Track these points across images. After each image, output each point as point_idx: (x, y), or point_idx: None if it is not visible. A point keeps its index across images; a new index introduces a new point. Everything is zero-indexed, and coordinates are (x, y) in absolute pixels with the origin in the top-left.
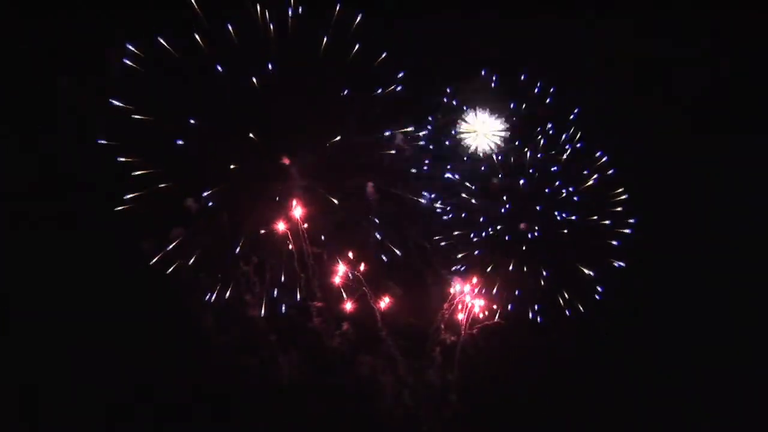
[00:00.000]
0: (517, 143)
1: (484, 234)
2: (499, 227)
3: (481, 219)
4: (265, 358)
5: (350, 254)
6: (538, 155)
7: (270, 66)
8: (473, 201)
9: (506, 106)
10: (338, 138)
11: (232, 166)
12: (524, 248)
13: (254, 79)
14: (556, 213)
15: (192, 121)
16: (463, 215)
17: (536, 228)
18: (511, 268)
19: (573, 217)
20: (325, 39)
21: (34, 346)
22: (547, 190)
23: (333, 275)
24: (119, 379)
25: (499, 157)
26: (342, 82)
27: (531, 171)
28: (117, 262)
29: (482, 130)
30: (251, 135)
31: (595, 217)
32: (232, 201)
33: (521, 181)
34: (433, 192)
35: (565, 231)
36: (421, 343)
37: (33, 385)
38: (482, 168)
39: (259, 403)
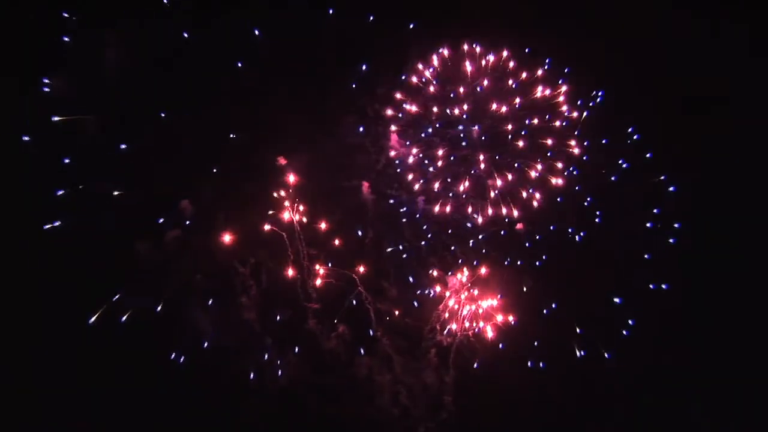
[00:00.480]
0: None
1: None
2: (481, 237)
3: (470, 224)
4: (261, 360)
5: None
6: (548, 152)
7: (257, 32)
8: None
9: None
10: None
11: (214, 170)
12: (519, 263)
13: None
14: (570, 230)
15: (162, 115)
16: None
17: (537, 237)
18: (499, 297)
19: (596, 219)
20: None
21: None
22: (559, 199)
23: (327, 277)
24: (115, 382)
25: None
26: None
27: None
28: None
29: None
30: (232, 135)
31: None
32: (224, 203)
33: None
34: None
35: (578, 237)
36: (417, 344)
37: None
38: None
39: (255, 406)
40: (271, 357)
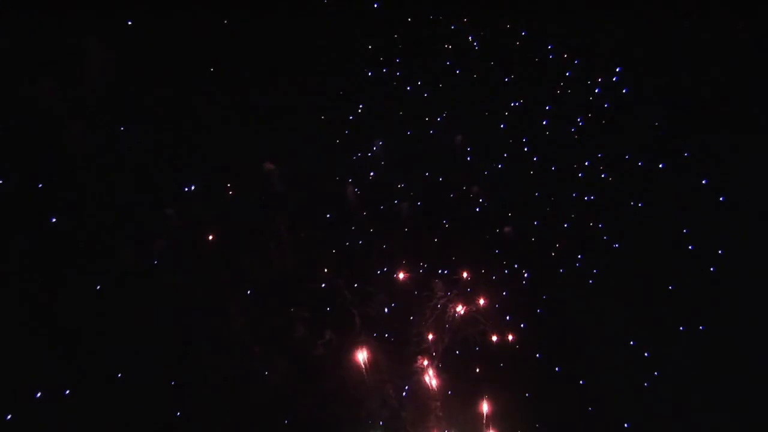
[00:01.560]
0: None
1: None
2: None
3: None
4: (250, 367)
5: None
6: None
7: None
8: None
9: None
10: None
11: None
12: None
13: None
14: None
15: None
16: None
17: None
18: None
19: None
20: None
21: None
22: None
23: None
24: (107, 389)
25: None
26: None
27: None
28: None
29: None
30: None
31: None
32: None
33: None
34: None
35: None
36: (405, 348)
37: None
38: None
39: (246, 412)
40: (259, 363)
